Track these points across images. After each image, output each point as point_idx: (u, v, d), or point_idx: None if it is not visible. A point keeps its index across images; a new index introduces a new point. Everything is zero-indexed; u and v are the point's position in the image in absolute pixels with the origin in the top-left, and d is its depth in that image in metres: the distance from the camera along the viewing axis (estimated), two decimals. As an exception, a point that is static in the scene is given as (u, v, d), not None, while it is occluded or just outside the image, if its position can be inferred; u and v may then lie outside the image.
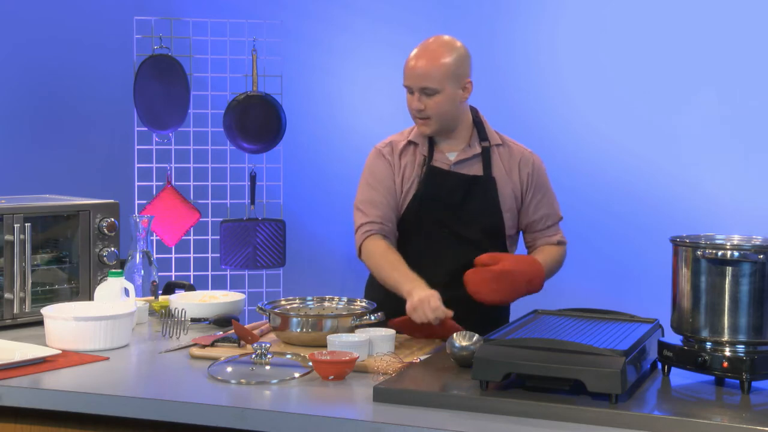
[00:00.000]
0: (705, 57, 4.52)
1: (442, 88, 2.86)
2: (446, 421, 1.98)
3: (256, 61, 4.71)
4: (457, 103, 2.91)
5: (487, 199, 2.95)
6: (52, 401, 2.21)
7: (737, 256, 2.15)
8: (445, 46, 2.90)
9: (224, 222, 4.72)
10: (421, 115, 2.90)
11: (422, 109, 2.89)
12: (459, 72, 2.89)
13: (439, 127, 2.93)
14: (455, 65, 2.87)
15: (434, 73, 2.85)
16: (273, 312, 2.69)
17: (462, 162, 2.97)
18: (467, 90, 2.93)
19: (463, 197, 2.95)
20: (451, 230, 2.96)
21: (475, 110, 3.05)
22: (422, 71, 2.86)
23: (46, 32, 5.17)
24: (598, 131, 4.70)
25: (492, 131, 3.04)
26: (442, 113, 2.89)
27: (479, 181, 2.96)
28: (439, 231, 2.96)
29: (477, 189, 2.95)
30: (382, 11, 4.99)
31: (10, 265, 2.91)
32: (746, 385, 2.14)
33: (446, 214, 2.95)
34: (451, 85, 2.87)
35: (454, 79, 2.88)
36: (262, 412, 2.06)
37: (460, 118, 2.96)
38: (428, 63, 2.86)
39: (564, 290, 4.71)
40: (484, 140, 2.99)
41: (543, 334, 2.26)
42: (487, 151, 2.98)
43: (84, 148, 5.18)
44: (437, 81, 2.85)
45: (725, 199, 4.47)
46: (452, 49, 2.89)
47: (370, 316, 2.66)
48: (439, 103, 2.88)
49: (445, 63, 2.86)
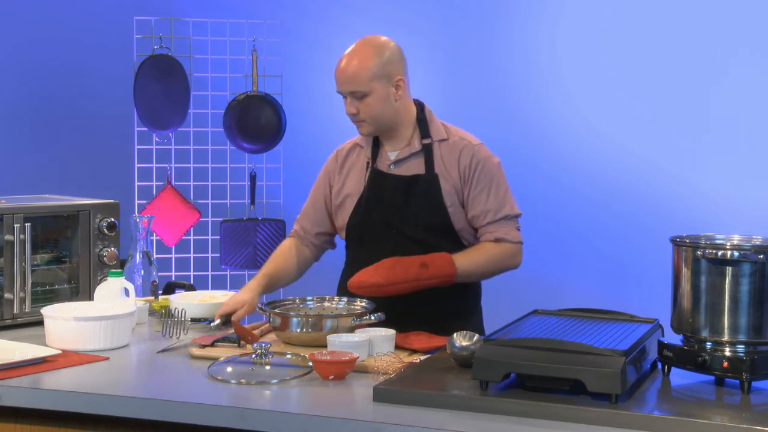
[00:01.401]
0: (705, 57, 4.52)
1: (370, 89, 2.84)
2: (446, 421, 1.98)
3: (256, 61, 4.71)
4: (391, 102, 2.88)
5: (429, 196, 2.92)
6: (52, 401, 2.21)
7: (737, 256, 2.15)
8: (369, 47, 2.87)
9: (224, 222, 4.72)
10: (356, 119, 2.90)
11: (355, 112, 2.87)
12: (386, 71, 2.85)
13: (375, 127, 2.91)
14: (381, 65, 2.84)
15: (359, 75, 2.82)
16: (273, 312, 2.69)
17: (401, 161, 2.95)
18: (401, 87, 2.89)
19: (405, 197, 2.93)
20: (399, 230, 2.93)
21: (421, 105, 3.00)
22: (348, 75, 2.84)
23: (46, 32, 5.17)
24: (598, 131, 4.70)
25: (438, 126, 2.98)
26: (375, 115, 2.87)
27: (420, 180, 2.93)
28: (387, 232, 2.94)
29: (418, 188, 2.93)
30: (382, 11, 4.99)
31: (10, 265, 2.91)
32: (746, 385, 2.14)
33: (391, 215, 2.94)
34: (380, 86, 2.84)
35: (383, 79, 2.85)
36: (262, 412, 2.06)
37: (400, 116, 2.93)
38: (353, 67, 2.83)
39: (564, 290, 4.73)
40: (426, 137, 2.95)
41: (543, 334, 2.26)
42: (429, 147, 2.94)
43: (84, 148, 5.18)
44: (364, 83, 2.83)
45: (725, 199, 4.47)
46: (376, 49, 2.86)
47: (370, 316, 2.67)
48: (371, 105, 2.85)
49: (370, 64, 2.83)
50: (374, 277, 2.77)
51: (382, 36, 2.93)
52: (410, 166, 2.95)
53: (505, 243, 2.94)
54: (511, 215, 2.96)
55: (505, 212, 2.95)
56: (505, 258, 2.95)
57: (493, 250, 2.93)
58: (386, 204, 2.94)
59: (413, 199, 2.92)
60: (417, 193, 2.92)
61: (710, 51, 4.51)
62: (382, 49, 2.87)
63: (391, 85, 2.87)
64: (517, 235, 2.97)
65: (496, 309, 3.18)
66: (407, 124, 2.96)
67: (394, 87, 2.88)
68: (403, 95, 2.91)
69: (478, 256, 2.91)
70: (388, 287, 2.77)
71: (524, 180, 4.75)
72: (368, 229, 2.97)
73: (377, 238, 2.95)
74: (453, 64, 4.94)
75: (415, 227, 2.92)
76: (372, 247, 2.95)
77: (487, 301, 3.13)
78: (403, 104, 2.93)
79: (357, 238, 3.01)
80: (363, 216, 2.96)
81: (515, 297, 4.42)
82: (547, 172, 4.77)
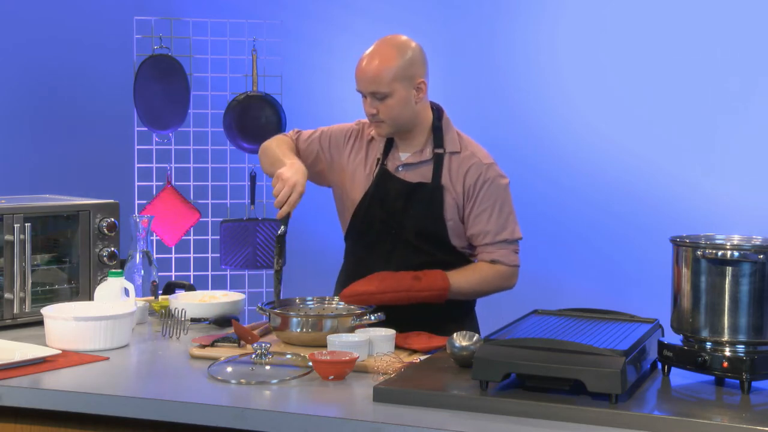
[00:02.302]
0: (705, 57, 4.52)
1: (392, 91, 2.81)
2: (446, 421, 1.98)
3: (256, 61, 4.71)
4: (411, 104, 2.86)
5: (430, 206, 2.89)
6: (52, 401, 2.21)
7: (737, 256, 2.15)
8: (393, 47, 2.83)
9: (224, 222, 4.72)
10: (374, 119, 2.87)
11: (375, 113, 2.85)
12: (410, 73, 2.82)
13: (394, 129, 2.89)
14: (404, 66, 2.81)
15: (382, 76, 2.79)
16: (273, 312, 2.69)
17: (410, 166, 2.93)
18: (422, 90, 2.86)
19: (405, 203, 2.91)
20: (398, 233, 2.92)
21: (439, 111, 2.97)
22: (370, 75, 2.81)
23: (46, 32, 5.17)
24: (598, 131, 4.70)
25: (454, 137, 2.94)
26: (394, 116, 2.85)
27: (425, 189, 2.90)
28: (387, 231, 2.93)
29: (420, 195, 2.90)
30: (382, 11, 4.99)
31: (10, 265, 2.91)
32: (746, 385, 2.14)
33: (391, 217, 2.93)
34: (402, 87, 2.82)
35: (405, 80, 2.82)
36: (262, 412, 2.06)
37: (418, 118, 2.90)
38: (376, 67, 2.80)
39: (564, 290, 4.73)
40: (439, 146, 2.92)
41: (543, 334, 2.26)
42: (440, 157, 2.91)
43: (84, 148, 5.18)
44: (386, 84, 2.80)
45: (725, 199, 4.47)
46: (401, 50, 2.83)
47: (370, 316, 2.67)
48: (391, 106, 2.83)
49: (393, 65, 2.80)
50: (366, 285, 2.76)
51: (403, 36, 2.89)
52: (418, 172, 2.93)
53: (501, 265, 2.92)
54: (511, 239, 2.93)
55: (504, 236, 2.92)
56: (499, 280, 2.94)
57: (488, 271, 2.92)
58: (388, 205, 2.93)
59: (413, 205, 2.91)
60: (418, 201, 2.91)
61: (710, 51, 4.51)
62: (405, 50, 2.84)
63: (412, 87, 2.84)
64: (514, 258, 2.94)
65: (496, 309, 3.18)
66: (423, 128, 2.93)
67: (416, 89, 2.85)
68: (424, 98, 2.89)
69: (472, 276, 2.91)
70: (380, 295, 2.75)
71: (524, 180, 4.75)
72: (368, 227, 2.96)
73: (376, 237, 2.95)
74: (453, 64, 4.93)
75: (412, 233, 2.91)
76: (370, 244, 2.96)
77: (487, 301, 3.13)
78: (423, 107, 2.91)
79: (357, 234, 3.00)
80: (365, 213, 2.96)
81: (515, 297, 4.42)
82: (547, 172, 4.77)
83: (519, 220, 2.99)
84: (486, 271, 2.92)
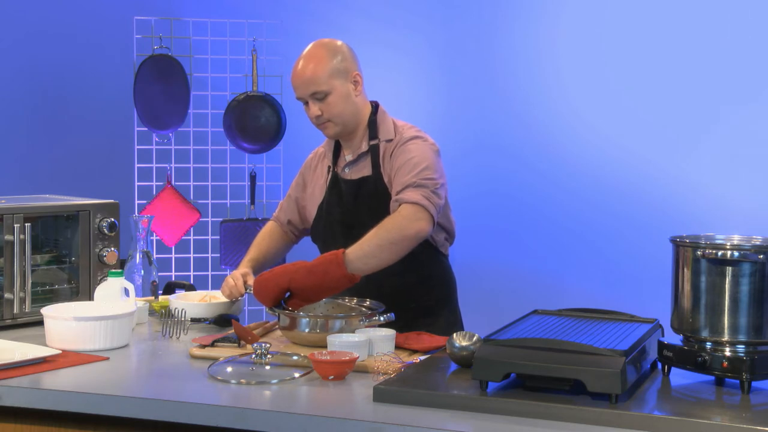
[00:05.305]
0: (705, 57, 4.52)
1: (330, 88, 2.86)
2: (446, 421, 1.98)
3: (256, 61, 4.72)
4: (352, 98, 2.90)
5: (376, 197, 2.91)
6: (52, 401, 2.21)
7: (737, 256, 2.15)
8: (322, 48, 2.90)
9: (224, 222, 4.72)
10: (320, 121, 2.91)
11: (319, 114, 2.89)
12: (343, 67, 2.88)
13: (341, 127, 2.93)
14: (337, 63, 2.87)
15: (319, 75, 2.85)
16: (282, 312, 2.68)
17: (353, 163, 2.98)
18: (359, 83, 2.92)
19: (355, 200, 2.95)
20: (358, 232, 2.88)
21: (375, 106, 3.00)
22: (308, 77, 2.86)
23: (46, 32, 5.17)
24: (598, 131, 4.70)
25: (389, 126, 2.96)
26: (338, 113, 2.89)
27: (368, 181, 2.94)
28: (348, 232, 2.92)
29: (366, 190, 2.94)
30: (382, 11, 4.99)
31: (10, 265, 2.91)
32: (746, 385, 2.14)
33: (348, 217, 2.96)
34: (339, 84, 2.87)
35: (341, 76, 2.88)
36: (262, 412, 2.06)
37: (360, 114, 2.95)
38: (311, 69, 2.86)
39: (564, 290, 4.72)
40: (374, 138, 2.95)
41: (543, 334, 2.26)
42: (375, 148, 2.94)
43: (84, 148, 5.19)
44: (324, 82, 2.85)
45: (725, 199, 4.47)
46: (330, 49, 2.89)
47: (379, 317, 2.66)
48: (333, 103, 2.87)
49: (327, 64, 2.86)
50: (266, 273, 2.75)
51: (326, 38, 2.95)
52: (360, 168, 2.98)
53: (403, 206, 2.72)
54: (418, 183, 2.75)
55: (411, 179, 2.76)
56: (399, 225, 2.69)
57: (385, 222, 2.71)
58: (343, 206, 2.98)
59: (363, 201, 2.94)
60: (365, 195, 2.94)
61: (710, 51, 4.51)
62: (334, 48, 2.90)
63: (349, 82, 2.90)
64: (418, 197, 2.71)
65: (496, 309, 3.18)
66: (363, 125, 2.98)
67: (353, 83, 2.91)
68: (362, 92, 2.94)
69: (368, 235, 2.70)
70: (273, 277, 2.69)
71: (524, 180, 4.76)
72: (330, 232, 3.00)
73: (339, 240, 2.93)
74: (453, 64, 4.94)
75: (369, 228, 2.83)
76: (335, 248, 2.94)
77: (487, 301, 3.13)
78: (362, 102, 2.96)
79: (321, 241, 3.05)
80: (325, 220, 3.01)
81: (515, 297, 4.43)
82: (547, 172, 4.76)
83: (519, 220, 2.98)
84: (384, 223, 2.71)
